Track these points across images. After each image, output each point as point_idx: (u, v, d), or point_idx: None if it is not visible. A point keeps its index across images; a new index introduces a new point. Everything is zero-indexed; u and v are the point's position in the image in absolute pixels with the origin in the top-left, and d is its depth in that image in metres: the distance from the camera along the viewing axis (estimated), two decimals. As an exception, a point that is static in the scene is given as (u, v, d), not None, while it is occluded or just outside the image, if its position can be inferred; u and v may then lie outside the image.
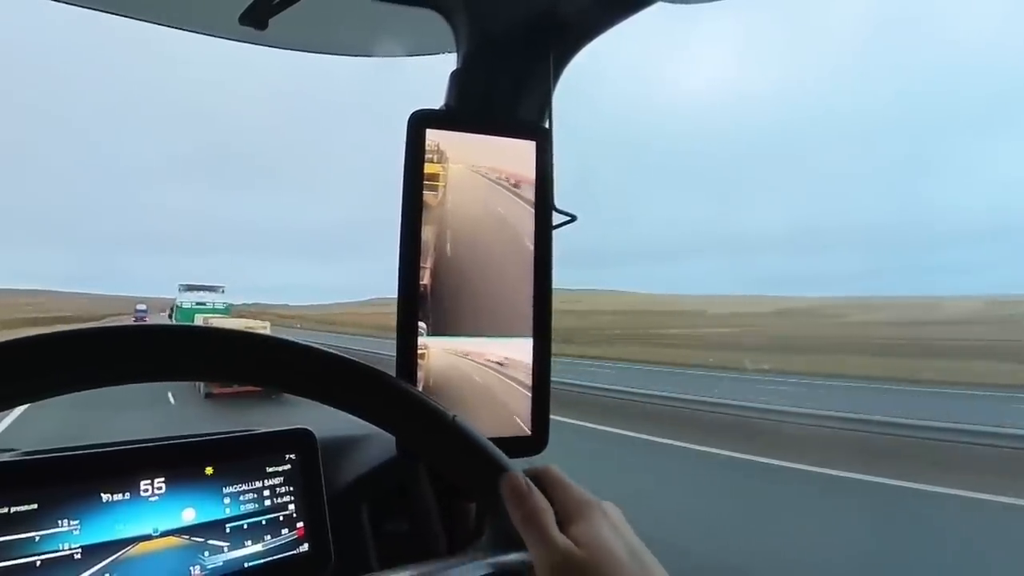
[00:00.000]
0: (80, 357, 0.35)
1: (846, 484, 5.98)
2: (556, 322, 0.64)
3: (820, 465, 6.44)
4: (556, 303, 0.64)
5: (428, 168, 0.62)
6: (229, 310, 26.61)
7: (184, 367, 0.39)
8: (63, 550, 0.59)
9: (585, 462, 6.11)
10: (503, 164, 0.65)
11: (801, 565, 4.16)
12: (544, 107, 0.74)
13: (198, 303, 25.90)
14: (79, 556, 0.59)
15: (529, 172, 0.65)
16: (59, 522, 0.59)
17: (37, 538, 0.58)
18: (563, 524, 0.44)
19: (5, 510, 0.57)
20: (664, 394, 11.19)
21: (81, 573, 0.59)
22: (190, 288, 26.91)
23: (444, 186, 0.63)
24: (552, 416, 0.65)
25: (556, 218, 0.66)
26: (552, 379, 0.65)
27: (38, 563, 0.58)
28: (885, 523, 4.97)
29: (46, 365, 0.34)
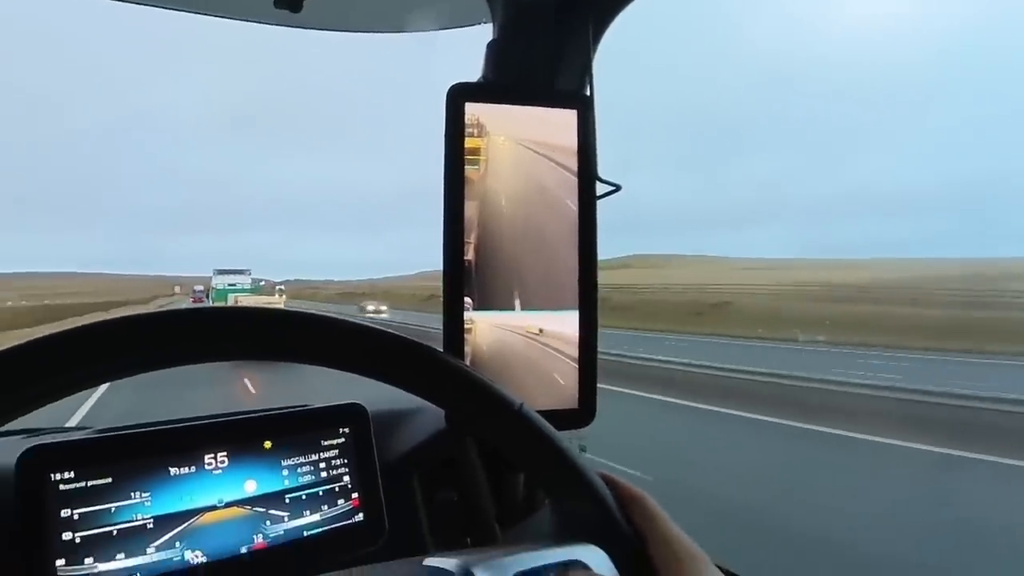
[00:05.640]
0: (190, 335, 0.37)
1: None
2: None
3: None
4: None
5: (468, 142, 0.62)
6: (256, 289, 30.04)
7: (278, 347, 0.39)
8: (137, 520, 0.63)
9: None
10: (544, 135, 0.64)
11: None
12: (584, 74, 0.72)
13: (230, 284, 29.10)
14: (151, 526, 0.63)
15: (571, 142, 0.64)
16: (132, 494, 0.63)
17: (112, 509, 0.62)
18: (667, 573, 0.41)
19: (82, 484, 0.61)
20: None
21: (154, 541, 0.63)
22: (223, 272, 30.52)
23: (485, 160, 0.62)
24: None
25: (600, 188, 0.64)
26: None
27: (115, 532, 0.61)
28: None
29: (164, 340, 0.36)
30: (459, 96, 0.62)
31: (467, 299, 0.61)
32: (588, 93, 0.71)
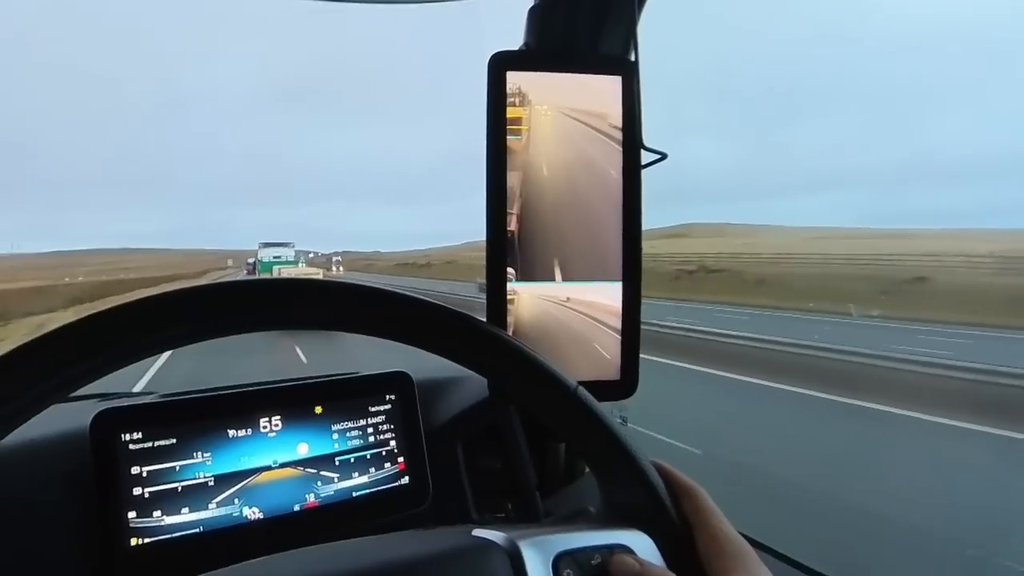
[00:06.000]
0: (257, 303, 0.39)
1: None
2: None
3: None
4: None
5: (511, 112, 0.61)
6: (298, 262, 31.03)
7: (329, 317, 0.41)
8: (199, 478, 0.67)
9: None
10: (587, 102, 0.62)
11: None
12: (629, 38, 0.70)
13: (275, 256, 30.43)
14: (212, 484, 0.67)
15: (615, 109, 0.62)
16: (194, 454, 0.67)
17: (177, 468, 0.66)
18: (714, 572, 0.40)
19: (149, 444, 0.65)
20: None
21: (215, 498, 0.67)
22: (268, 245, 31.99)
23: (528, 129, 0.62)
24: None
25: (645, 157, 0.63)
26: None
27: (179, 489, 0.66)
28: None
29: (232, 308, 0.38)
30: (500, 65, 0.61)
31: (510, 270, 0.62)
32: (632, 58, 0.69)
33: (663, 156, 0.63)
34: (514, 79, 0.61)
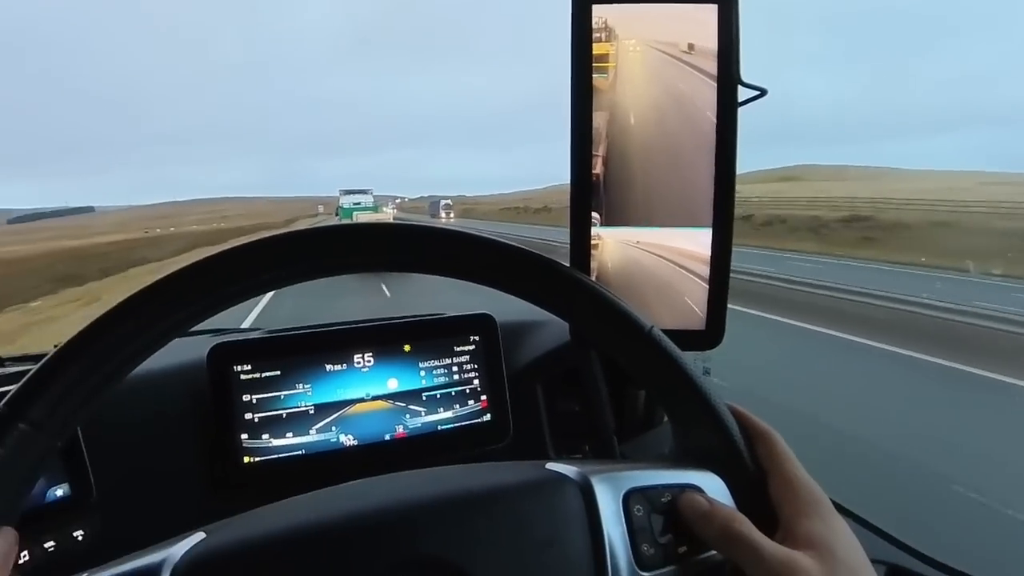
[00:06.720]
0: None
1: None
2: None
3: None
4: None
5: (596, 48, 0.58)
6: (377, 207, 32.83)
7: (418, 260, 0.42)
8: (301, 407, 0.73)
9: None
10: (679, 35, 0.58)
11: None
12: None
13: (355, 203, 32.28)
14: (312, 412, 0.74)
15: (710, 42, 0.58)
16: (296, 385, 0.73)
17: (282, 397, 0.73)
18: (786, 518, 0.39)
19: (257, 375, 0.72)
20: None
21: (315, 425, 0.74)
22: (347, 192, 33.97)
23: (614, 66, 0.59)
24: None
25: (743, 93, 0.58)
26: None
27: (284, 415, 0.73)
28: None
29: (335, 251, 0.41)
30: None
31: (594, 214, 0.60)
32: None
33: (762, 92, 0.59)
34: (600, 12, 0.58)
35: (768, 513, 0.40)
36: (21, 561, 0.60)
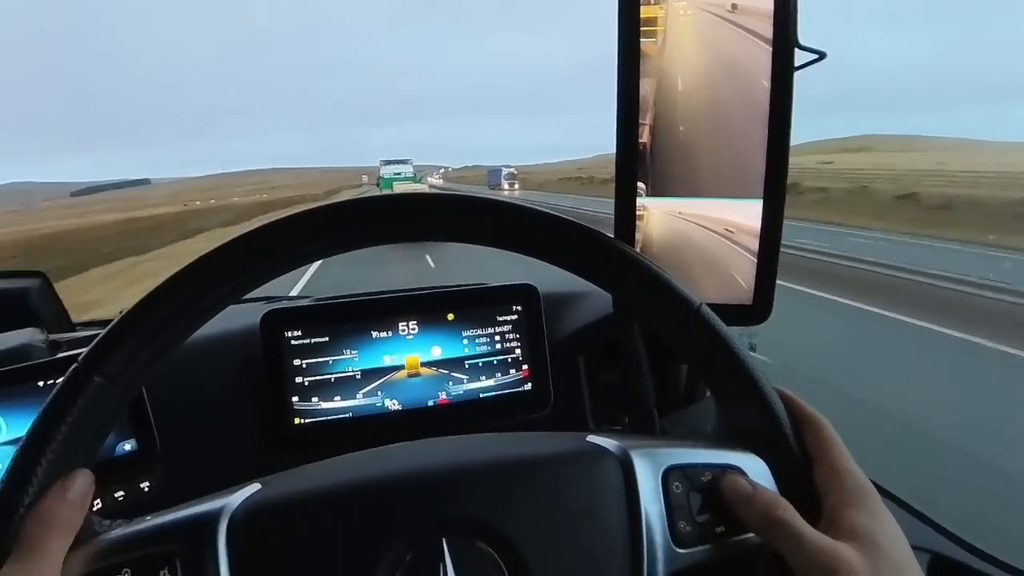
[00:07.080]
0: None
1: None
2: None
3: None
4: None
5: (645, 11, 0.56)
6: (416, 178, 33.34)
7: (461, 230, 0.43)
8: (348, 372, 0.76)
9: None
10: None
11: None
12: None
13: (395, 173, 32.16)
14: (359, 377, 0.76)
15: (766, 3, 0.55)
16: (344, 351, 0.76)
17: (330, 362, 0.75)
18: (831, 507, 0.38)
19: (307, 340, 0.75)
20: None
21: (361, 389, 0.76)
22: (388, 163, 33.85)
23: (663, 31, 0.57)
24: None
25: (800, 57, 0.56)
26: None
27: (332, 380, 0.75)
28: None
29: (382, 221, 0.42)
30: None
31: (640, 184, 0.59)
32: None
33: (821, 55, 0.56)
34: None
35: (812, 501, 0.39)
36: (95, 509, 0.65)
